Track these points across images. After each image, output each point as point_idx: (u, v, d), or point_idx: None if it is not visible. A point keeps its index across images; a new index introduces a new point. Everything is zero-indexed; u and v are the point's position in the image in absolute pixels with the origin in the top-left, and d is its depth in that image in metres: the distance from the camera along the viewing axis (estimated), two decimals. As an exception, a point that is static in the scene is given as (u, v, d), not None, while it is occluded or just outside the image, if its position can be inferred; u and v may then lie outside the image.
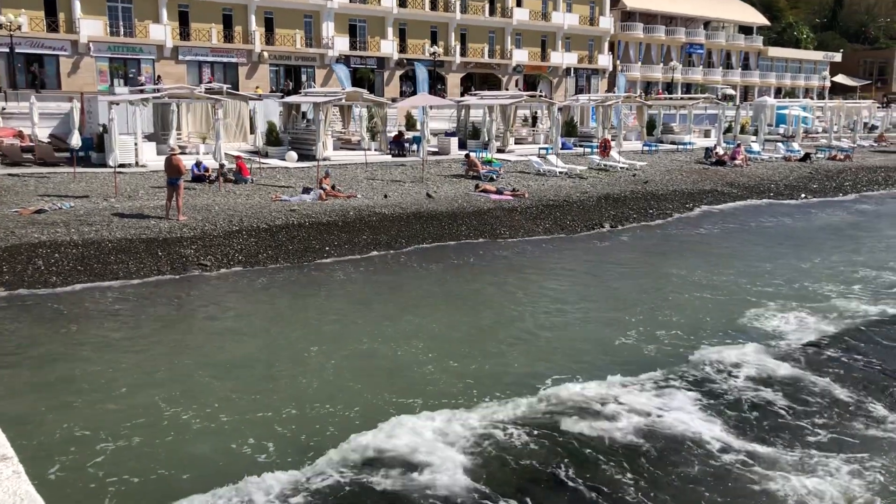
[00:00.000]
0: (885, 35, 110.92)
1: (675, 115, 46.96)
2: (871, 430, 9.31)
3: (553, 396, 9.97)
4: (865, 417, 9.61)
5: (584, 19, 68.09)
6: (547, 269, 17.28)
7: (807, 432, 9.17)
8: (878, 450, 8.79)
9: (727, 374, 10.78)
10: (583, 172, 28.68)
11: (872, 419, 9.57)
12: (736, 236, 21.72)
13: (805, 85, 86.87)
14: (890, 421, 9.54)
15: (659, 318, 13.45)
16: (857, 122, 52.36)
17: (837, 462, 8.49)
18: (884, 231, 22.87)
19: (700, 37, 77.89)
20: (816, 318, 13.57)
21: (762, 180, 30.65)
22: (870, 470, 8.33)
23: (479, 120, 35.88)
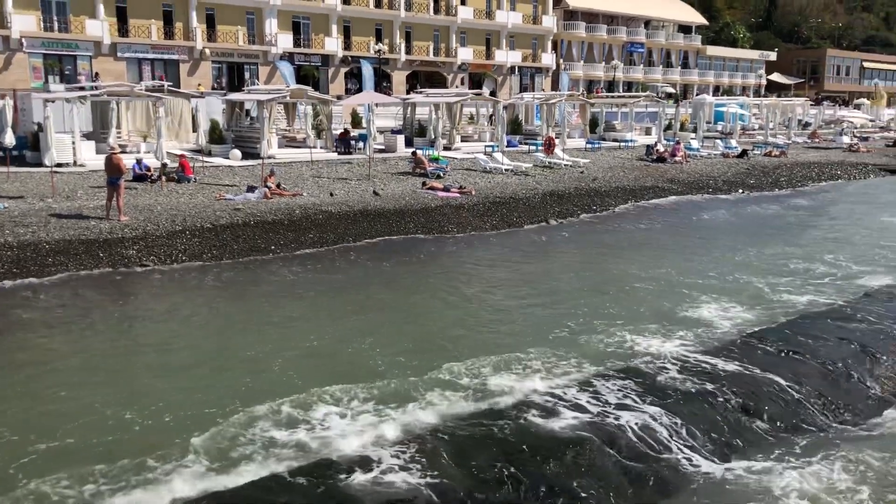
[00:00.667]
0: (817, 35, 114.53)
1: (617, 113, 47.72)
2: (806, 421, 9.66)
3: (496, 390, 10.09)
4: (800, 408, 9.96)
5: (527, 18, 68.71)
6: (493, 264, 17.41)
7: (744, 424, 9.46)
8: (811, 441, 9.13)
9: (663, 367, 11.01)
10: (528, 170, 28.97)
11: (807, 410, 9.93)
12: (676, 231, 22.21)
13: (742, 83, 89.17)
14: (820, 411, 9.91)
15: (600, 310, 13.69)
16: (791, 119, 54.02)
17: (776, 452, 8.79)
18: (816, 224, 23.64)
19: (641, 36, 79.31)
20: (751, 309, 13.97)
21: (701, 176, 31.38)
22: (803, 458, 8.64)
23: (425, 118, 35.94)
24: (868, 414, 9.93)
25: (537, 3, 69.93)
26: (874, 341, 12.23)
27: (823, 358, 11.39)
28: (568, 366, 11.03)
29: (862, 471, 8.32)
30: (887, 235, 21.77)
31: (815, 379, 10.71)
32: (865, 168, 38.39)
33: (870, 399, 10.39)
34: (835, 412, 9.87)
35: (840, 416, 9.77)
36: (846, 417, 9.77)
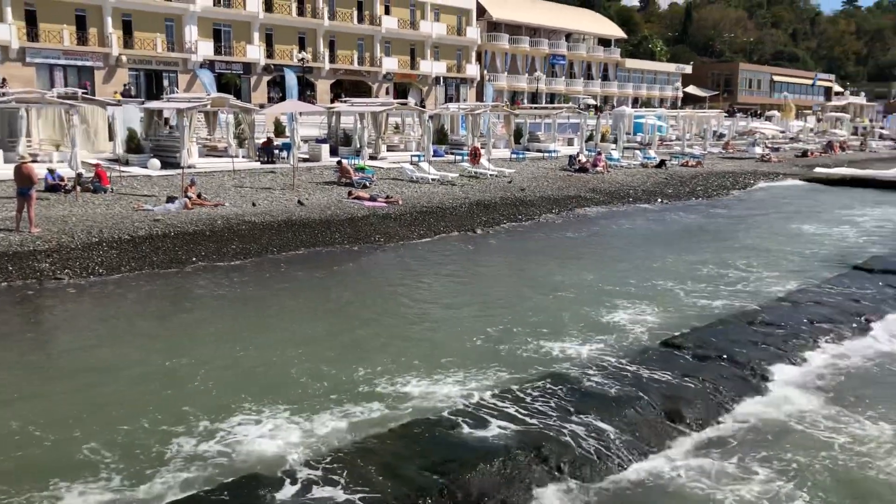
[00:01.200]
0: (730, 49, 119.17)
1: (541, 123, 48.49)
2: (725, 423, 9.95)
3: (421, 399, 10.09)
4: (719, 409, 10.24)
5: (451, 29, 69.25)
6: (420, 274, 17.40)
7: (663, 426, 9.67)
8: (730, 440, 9.40)
9: (585, 372, 11.17)
10: (455, 179, 29.11)
11: (722, 410, 10.22)
12: (599, 239, 22.67)
13: (660, 95, 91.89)
14: (738, 411, 10.23)
15: (525, 318, 13.84)
16: (706, 130, 55.90)
17: (695, 452, 9.01)
18: (731, 232, 24.46)
19: (562, 48, 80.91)
20: (669, 314, 14.36)
21: (622, 186, 32.11)
22: (721, 457, 8.89)
23: (350, 127, 35.74)
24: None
25: (461, 15, 70.58)
26: (784, 343, 12.69)
27: (738, 360, 11.74)
28: (493, 374, 11.11)
29: (781, 467, 8.61)
30: (796, 242, 22.71)
31: (730, 381, 11.03)
32: (777, 177, 40.00)
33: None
34: (746, 412, 10.18)
35: (752, 415, 10.08)
36: (756, 415, 10.08)
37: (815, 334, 13.26)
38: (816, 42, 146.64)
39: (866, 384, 11.19)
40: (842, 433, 9.49)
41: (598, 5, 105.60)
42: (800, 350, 12.45)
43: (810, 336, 13.14)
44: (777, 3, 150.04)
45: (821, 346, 12.71)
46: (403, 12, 65.74)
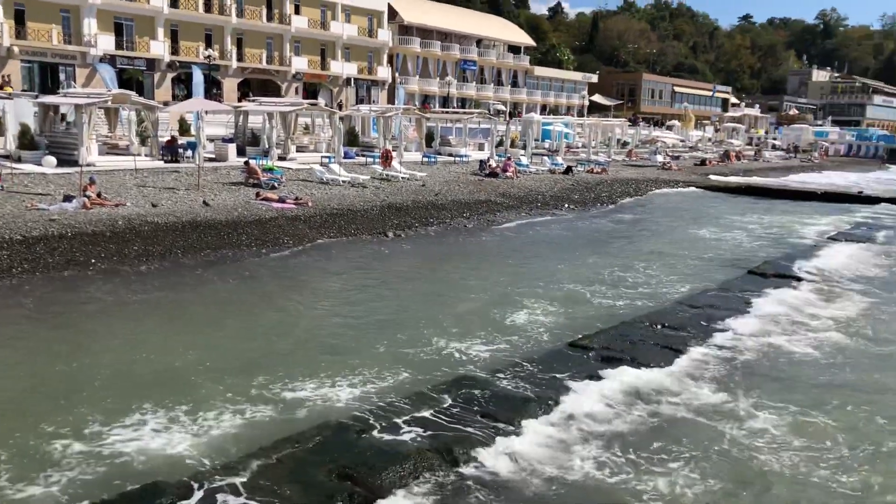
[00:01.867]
0: (634, 60, 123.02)
1: (452, 128, 48.78)
2: (622, 418, 10.24)
3: (329, 404, 10.05)
4: (615, 406, 10.54)
5: (362, 31, 68.93)
6: (330, 277, 17.26)
7: (565, 423, 9.88)
8: (628, 435, 9.68)
9: (494, 373, 11.34)
10: (366, 182, 28.96)
11: (620, 408, 10.53)
12: (508, 243, 22.99)
13: (567, 103, 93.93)
14: (636, 407, 10.56)
15: (434, 321, 13.92)
16: (611, 138, 57.50)
17: (600, 450, 9.25)
18: (634, 237, 25.27)
19: (473, 54, 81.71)
20: (574, 316, 14.74)
21: (531, 191, 32.66)
22: (627, 453, 9.16)
23: (258, 126, 35.06)
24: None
25: (372, 17, 70.37)
26: (683, 344, 13.19)
27: (640, 360, 12.11)
28: (404, 376, 11.13)
29: (678, 457, 8.94)
30: (694, 246, 23.66)
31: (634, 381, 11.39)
32: (677, 184, 41.51)
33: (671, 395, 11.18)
34: (644, 409, 10.52)
35: (649, 410, 10.43)
36: (652, 411, 10.44)
37: (710, 334, 13.86)
38: (715, 55, 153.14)
39: (754, 378, 11.75)
40: (731, 421, 9.95)
41: (508, 13, 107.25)
42: (695, 348, 12.97)
43: (705, 336, 13.73)
44: (678, 16, 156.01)
45: (713, 345, 13.27)
46: (314, 12, 65.03)
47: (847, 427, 10.16)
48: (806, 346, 13.60)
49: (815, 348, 13.53)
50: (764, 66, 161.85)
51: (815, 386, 11.67)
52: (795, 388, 11.55)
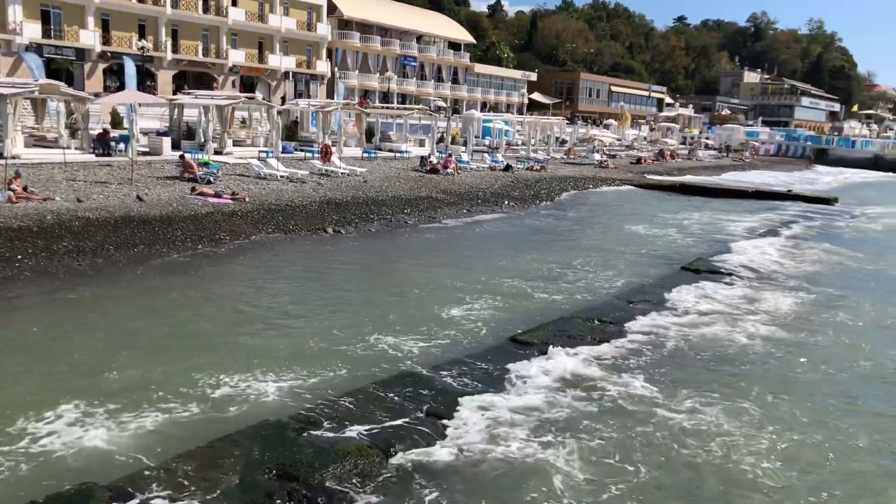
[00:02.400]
0: (572, 59, 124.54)
1: (392, 123, 48.63)
2: (559, 410, 10.36)
3: (269, 402, 9.93)
4: (556, 400, 10.67)
5: (301, 24, 68.13)
6: (267, 273, 16.98)
7: (508, 419, 9.96)
8: (575, 430, 9.81)
9: (437, 369, 11.38)
10: (305, 177, 28.64)
11: (567, 399, 10.66)
12: (449, 239, 23.03)
13: (507, 101, 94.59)
14: (572, 399, 10.70)
15: (375, 317, 13.87)
16: (550, 136, 58.11)
17: (540, 437, 9.34)
18: (573, 233, 25.61)
19: (413, 50, 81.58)
20: (514, 310, 14.86)
21: (471, 188, 32.78)
22: (560, 443, 9.27)
23: (193, 120, 34.34)
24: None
25: (311, 11, 69.60)
26: (619, 336, 13.45)
27: (576, 353, 12.30)
28: (344, 373, 11.06)
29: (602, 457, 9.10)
30: (631, 243, 24.10)
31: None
32: (614, 182, 42.20)
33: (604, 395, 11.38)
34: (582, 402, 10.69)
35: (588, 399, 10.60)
36: (589, 399, 10.61)
37: (643, 328, 14.19)
38: (650, 55, 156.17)
39: (683, 369, 12.07)
40: (660, 409, 10.18)
41: (448, 9, 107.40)
42: (628, 341, 13.24)
43: (638, 329, 14.06)
44: (615, 16, 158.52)
45: (646, 338, 13.56)
46: (251, 4, 64.00)
47: (771, 415, 10.51)
48: (734, 339, 14.02)
49: (743, 340, 13.95)
50: (698, 66, 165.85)
51: (741, 376, 12.03)
52: (722, 378, 11.89)
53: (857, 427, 10.38)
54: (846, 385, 12.06)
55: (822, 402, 11.21)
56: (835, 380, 12.26)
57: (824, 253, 24.22)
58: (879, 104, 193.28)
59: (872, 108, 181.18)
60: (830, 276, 20.68)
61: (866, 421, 10.67)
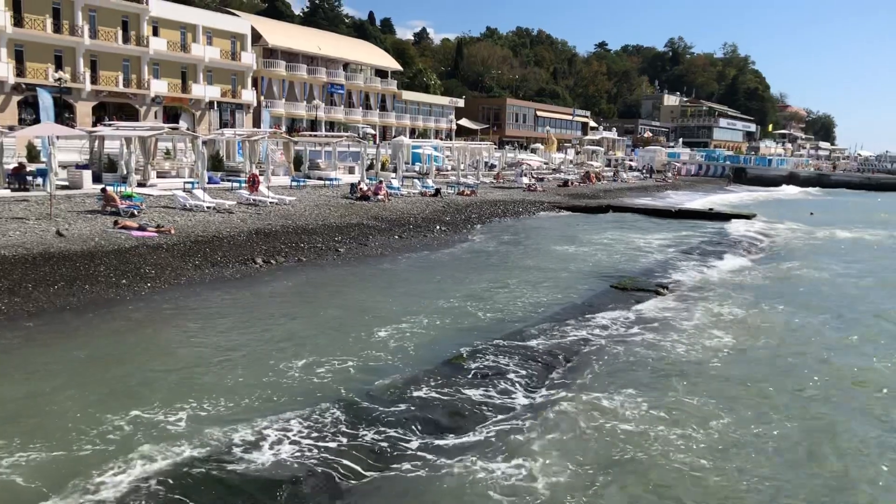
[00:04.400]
0: (498, 85, 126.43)
1: (321, 151, 48.37)
2: (499, 426, 10.34)
3: (204, 434, 9.67)
4: (493, 414, 10.66)
5: (225, 53, 67.38)
6: (194, 308, 16.57)
7: (443, 441, 9.90)
8: (499, 443, 9.80)
9: (373, 397, 11.26)
10: (232, 207, 28.16)
11: (507, 415, 10.65)
12: (382, 266, 22.92)
13: (435, 126, 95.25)
14: (509, 417, 10.71)
15: (311, 348, 13.67)
16: (479, 161, 58.66)
17: (476, 456, 9.32)
18: (505, 256, 25.82)
19: (341, 77, 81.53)
20: (452, 334, 14.82)
21: (403, 214, 32.78)
22: (498, 455, 9.25)
23: (115, 152, 33.46)
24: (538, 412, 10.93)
25: (235, 40, 68.95)
26: (550, 356, 13.56)
27: (509, 376, 12.35)
28: (280, 406, 10.82)
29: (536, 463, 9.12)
30: (561, 264, 24.44)
31: (503, 394, 11.57)
32: (542, 205, 42.80)
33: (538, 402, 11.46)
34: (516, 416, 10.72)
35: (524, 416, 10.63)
36: (524, 418, 10.64)
37: (574, 346, 14.36)
38: (574, 80, 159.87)
39: (615, 382, 12.21)
40: (602, 418, 10.27)
41: (374, 37, 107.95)
42: (563, 359, 13.37)
43: (571, 347, 14.21)
44: (539, 43, 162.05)
45: (579, 354, 13.72)
46: (173, 34, 63.00)
47: (703, 417, 10.77)
48: (661, 349, 14.30)
49: (669, 350, 14.23)
50: (620, 91, 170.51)
51: (672, 382, 12.26)
52: (655, 385, 12.15)
53: (784, 422, 10.69)
54: (774, 381, 12.42)
55: (758, 404, 11.51)
56: (755, 376, 12.63)
57: (744, 266, 25.03)
58: (792, 124, 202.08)
59: (786, 128, 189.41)
60: (749, 287, 21.36)
61: (793, 415, 11.00)
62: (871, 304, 19.95)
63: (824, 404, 12.13)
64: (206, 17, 67.52)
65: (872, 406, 12.15)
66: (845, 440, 10.68)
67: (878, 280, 23.90)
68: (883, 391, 12.84)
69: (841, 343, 15.91)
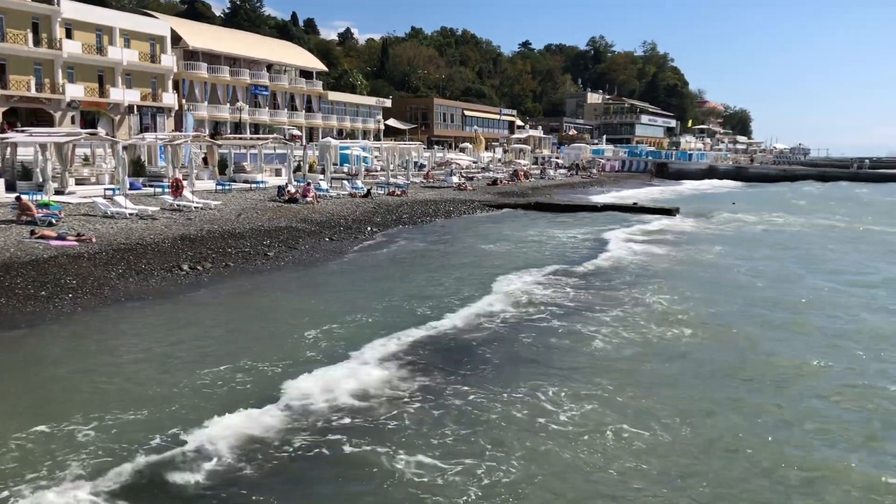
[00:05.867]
0: (425, 85, 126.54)
1: (247, 154, 47.54)
2: (436, 432, 10.36)
3: (132, 448, 9.34)
4: (423, 407, 10.67)
5: (144, 56, 65.53)
6: (117, 320, 16.07)
7: (377, 446, 9.87)
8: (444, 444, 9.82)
9: (307, 402, 11.14)
10: (155, 213, 27.42)
11: (429, 409, 10.67)
12: (312, 269, 22.67)
13: (363, 127, 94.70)
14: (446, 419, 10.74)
15: (232, 355, 13.41)
16: (408, 161, 58.67)
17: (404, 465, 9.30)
18: (436, 255, 25.84)
19: (264, 79, 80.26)
20: (382, 338, 14.78)
21: (333, 216, 32.49)
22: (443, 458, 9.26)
23: (29, 159, 32.18)
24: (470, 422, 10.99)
25: (154, 42, 67.13)
26: (481, 349, 13.67)
27: (441, 367, 12.38)
28: (197, 414, 10.57)
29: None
30: (490, 260, 24.64)
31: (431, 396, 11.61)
32: (473, 204, 43.05)
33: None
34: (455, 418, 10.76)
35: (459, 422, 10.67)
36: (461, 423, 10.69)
37: (508, 340, 14.50)
38: (499, 80, 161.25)
39: (538, 373, 12.38)
40: (527, 411, 10.40)
41: (298, 38, 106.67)
42: (491, 351, 13.49)
43: (501, 341, 14.34)
44: (463, 43, 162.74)
45: (505, 350, 13.86)
46: (88, 37, 60.91)
47: (624, 413, 10.97)
48: (589, 342, 14.55)
49: (598, 342, 14.50)
50: (544, 89, 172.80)
51: (591, 377, 12.47)
52: (574, 377, 12.30)
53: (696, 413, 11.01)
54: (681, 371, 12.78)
55: (665, 391, 11.80)
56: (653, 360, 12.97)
57: (665, 255, 25.71)
58: (710, 119, 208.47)
59: (705, 123, 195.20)
60: (667, 275, 21.92)
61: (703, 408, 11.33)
62: (773, 291, 20.65)
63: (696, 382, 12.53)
64: (122, 18, 65.52)
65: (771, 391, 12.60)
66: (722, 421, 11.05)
67: (778, 266, 24.86)
68: (808, 381, 13.33)
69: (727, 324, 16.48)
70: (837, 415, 11.38)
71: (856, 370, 13.46)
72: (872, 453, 10.01)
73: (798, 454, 9.88)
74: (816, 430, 10.76)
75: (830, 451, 10.07)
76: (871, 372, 13.36)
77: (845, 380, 12.89)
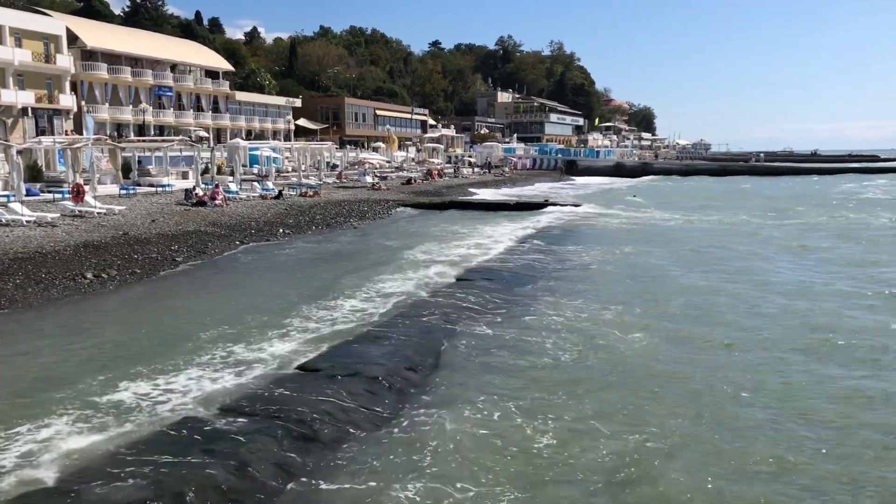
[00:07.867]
0: (335, 84, 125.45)
1: (152, 157, 46.08)
2: (360, 436, 10.31)
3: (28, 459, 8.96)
4: (353, 426, 10.61)
5: (38, 56, 62.58)
6: (20, 335, 15.36)
7: (302, 446, 9.76)
8: (361, 447, 9.78)
9: (223, 410, 10.95)
10: (55, 220, 26.29)
11: (356, 420, 10.62)
12: (221, 274, 22.22)
13: (273, 127, 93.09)
14: (367, 420, 10.70)
15: (148, 362, 13.02)
16: (320, 161, 58.11)
17: (334, 464, 9.23)
18: (350, 257, 25.68)
19: (168, 79, 77.92)
20: (304, 339, 14.62)
21: (243, 218, 31.88)
22: (357, 464, 9.21)
23: (-86, 166, 30.32)
24: (399, 411, 10.98)
25: (48, 41, 64.16)
26: (409, 356, 13.71)
27: (366, 375, 12.36)
28: (121, 426, 10.22)
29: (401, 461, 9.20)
30: (408, 262, 24.64)
31: (363, 396, 11.55)
32: (388, 204, 42.95)
33: (399, 400, 11.54)
34: (378, 418, 10.72)
35: (385, 420, 10.65)
36: (387, 419, 10.68)
37: (430, 342, 14.59)
38: (410, 79, 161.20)
39: (464, 376, 12.51)
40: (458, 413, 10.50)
41: (202, 37, 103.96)
42: (423, 355, 13.54)
43: (428, 345, 14.40)
44: (373, 42, 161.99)
45: (429, 351, 13.95)
46: (-24, 35, 57.87)
47: (557, 414, 11.20)
48: (510, 341, 14.77)
49: (516, 341, 14.74)
50: (455, 88, 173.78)
51: (512, 376, 12.69)
52: (511, 380, 12.47)
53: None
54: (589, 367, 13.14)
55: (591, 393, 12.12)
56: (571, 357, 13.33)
57: (571, 249, 26.34)
58: (616, 117, 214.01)
59: (611, 121, 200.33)
60: (577, 270, 22.47)
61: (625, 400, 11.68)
62: (673, 277, 21.46)
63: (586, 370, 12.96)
64: (12, 16, 62.32)
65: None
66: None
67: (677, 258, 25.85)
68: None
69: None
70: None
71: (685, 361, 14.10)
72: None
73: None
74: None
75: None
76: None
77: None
